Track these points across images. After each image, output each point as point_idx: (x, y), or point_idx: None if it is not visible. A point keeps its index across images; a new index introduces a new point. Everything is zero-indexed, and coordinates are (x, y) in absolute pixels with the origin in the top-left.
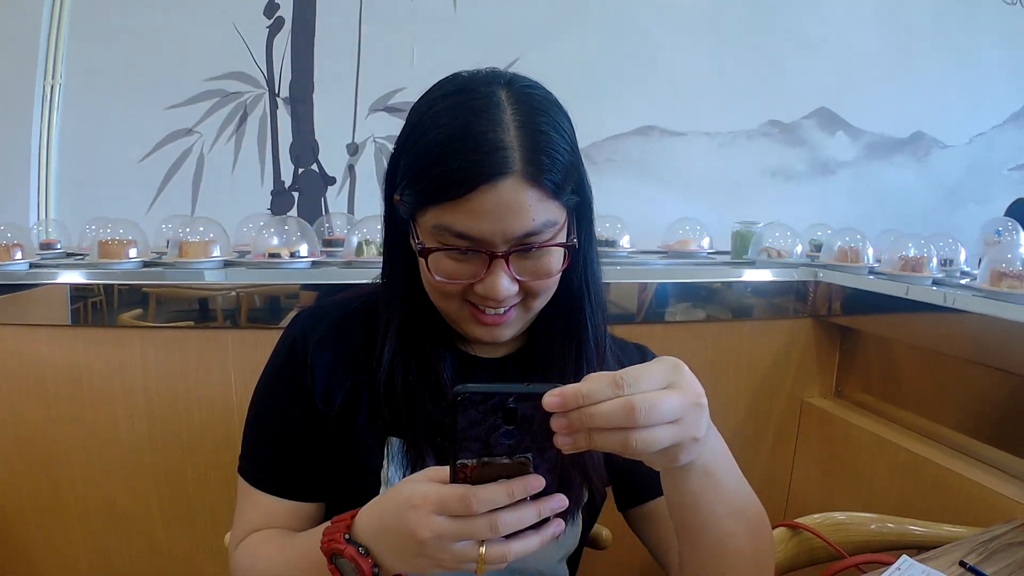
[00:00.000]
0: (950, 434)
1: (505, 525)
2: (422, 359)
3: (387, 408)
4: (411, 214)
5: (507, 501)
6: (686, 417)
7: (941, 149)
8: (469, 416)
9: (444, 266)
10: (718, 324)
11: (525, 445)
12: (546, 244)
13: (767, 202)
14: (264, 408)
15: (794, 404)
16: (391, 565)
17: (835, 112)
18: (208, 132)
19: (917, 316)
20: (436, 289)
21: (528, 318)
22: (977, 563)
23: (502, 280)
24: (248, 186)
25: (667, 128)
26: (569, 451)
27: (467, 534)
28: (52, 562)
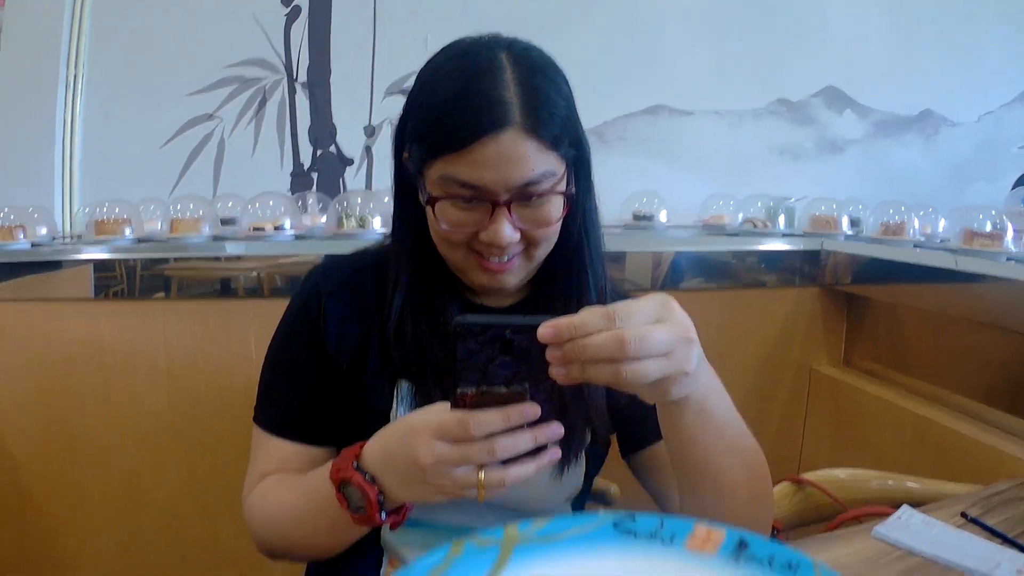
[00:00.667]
0: (956, 398)
1: (502, 449)
2: (431, 309)
3: (397, 355)
4: (419, 168)
5: (503, 426)
6: (675, 350)
7: (950, 127)
8: (468, 346)
9: (450, 215)
10: (725, 293)
11: (522, 375)
12: (545, 192)
13: (775, 180)
14: (280, 357)
15: (803, 372)
16: (396, 494)
17: (842, 90)
18: (228, 117)
19: (924, 280)
20: (443, 238)
21: (531, 267)
22: (978, 516)
23: (504, 227)
24: (268, 168)
25: (676, 107)
26: (564, 382)
27: (466, 459)
28: (74, 536)
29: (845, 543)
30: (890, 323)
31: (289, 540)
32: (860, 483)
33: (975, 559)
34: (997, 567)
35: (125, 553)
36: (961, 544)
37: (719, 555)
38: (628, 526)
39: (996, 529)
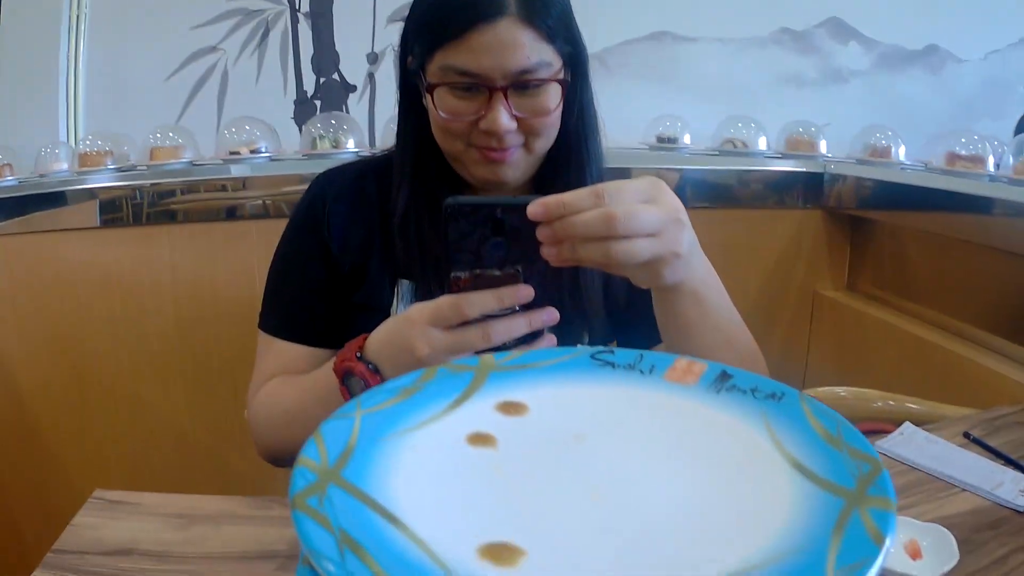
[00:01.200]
0: (959, 324)
1: (496, 334)
2: (435, 206)
3: (401, 251)
4: (421, 64)
5: (497, 307)
6: (665, 231)
7: (956, 63)
8: (460, 228)
9: (449, 103)
10: (729, 212)
11: (514, 257)
12: (542, 81)
13: (780, 108)
14: (285, 261)
15: (806, 295)
16: None
17: (846, 21)
18: (231, 49)
19: (927, 203)
20: (443, 129)
21: (531, 162)
22: (981, 437)
23: (501, 114)
24: (272, 97)
25: (680, 34)
26: (555, 262)
27: (461, 345)
28: (80, 457)
29: None
30: (894, 248)
31: (292, 439)
32: (862, 402)
33: (978, 477)
34: (1000, 486)
35: (132, 472)
36: (964, 462)
37: (699, 385)
38: (606, 358)
39: (999, 450)
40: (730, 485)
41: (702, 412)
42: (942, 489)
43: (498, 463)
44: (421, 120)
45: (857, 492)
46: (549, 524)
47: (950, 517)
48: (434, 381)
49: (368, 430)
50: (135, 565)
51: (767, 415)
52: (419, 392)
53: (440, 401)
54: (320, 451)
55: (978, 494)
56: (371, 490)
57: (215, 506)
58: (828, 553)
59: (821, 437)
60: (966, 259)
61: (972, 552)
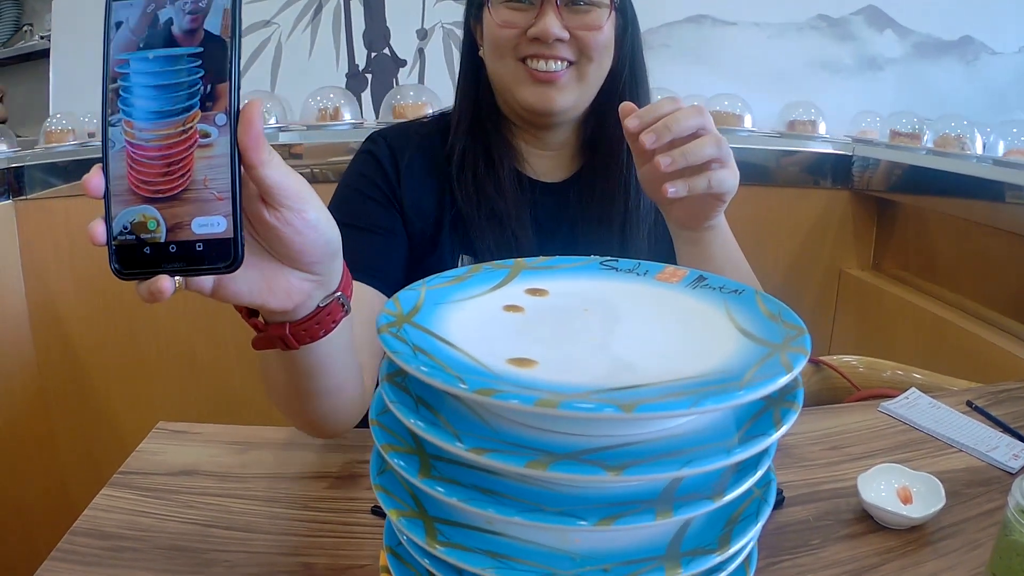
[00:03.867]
0: (978, 306)
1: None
2: (489, 156)
3: (462, 203)
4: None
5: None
6: (714, 134)
7: (990, 55)
8: None
9: (502, 13)
10: (760, 189)
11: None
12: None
13: (815, 94)
14: (351, 208)
15: (832, 273)
16: None
17: (883, 10)
18: (285, 23)
19: (955, 188)
20: (495, 44)
21: (583, 91)
22: (983, 406)
23: (551, 19)
24: (324, 70)
25: (719, 17)
26: (665, 169)
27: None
28: (131, 412)
29: (853, 414)
30: (919, 230)
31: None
32: (874, 371)
33: (975, 439)
34: (995, 449)
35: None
36: (963, 426)
37: (681, 283)
38: (611, 264)
39: (998, 418)
40: (692, 338)
41: (679, 299)
42: (940, 448)
43: (524, 320)
44: (479, 76)
45: (782, 344)
46: (557, 351)
47: (944, 472)
48: (480, 273)
49: (431, 297)
50: (197, 484)
51: (728, 302)
52: (468, 280)
53: (484, 286)
54: (396, 306)
55: (973, 455)
56: (432, 327)
57: (271, 435)
58: (748, 370)
59: (765, 315)
60: (988, 243)
61: (961, 504)
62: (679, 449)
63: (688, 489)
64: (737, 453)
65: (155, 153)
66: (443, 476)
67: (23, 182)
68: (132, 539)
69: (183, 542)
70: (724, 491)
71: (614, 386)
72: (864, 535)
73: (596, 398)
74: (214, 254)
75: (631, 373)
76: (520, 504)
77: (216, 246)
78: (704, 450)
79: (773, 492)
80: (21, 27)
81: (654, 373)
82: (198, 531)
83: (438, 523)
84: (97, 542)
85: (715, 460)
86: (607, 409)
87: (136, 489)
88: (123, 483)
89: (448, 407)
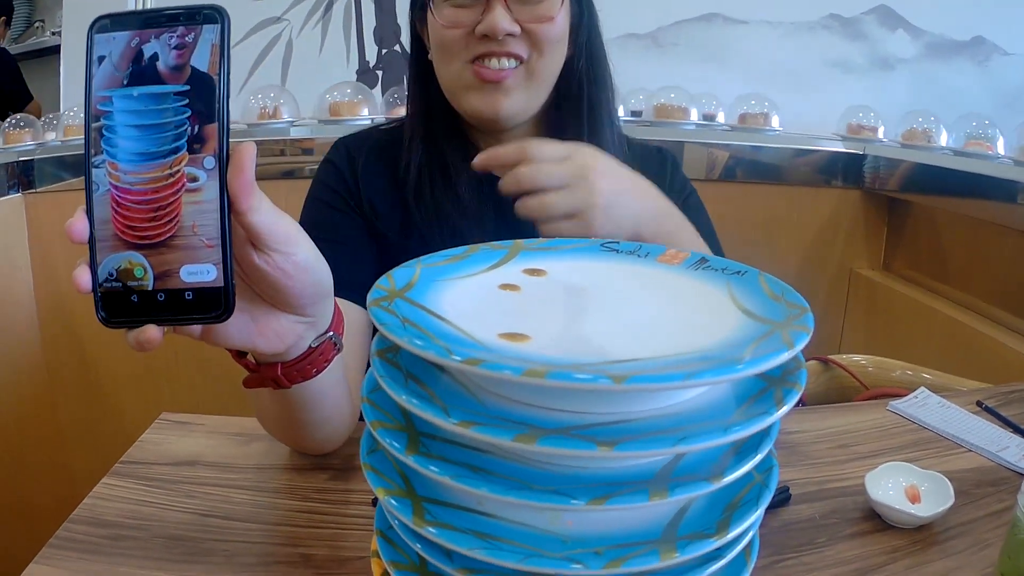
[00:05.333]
0: (990, 307)
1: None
2: (446, 168)
3: (417, 216)
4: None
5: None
6: (574, 185)
7: (1002, 56)
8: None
9: (448, 13)
10: (770, 187)
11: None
12: None
13: (827, 93)
14: (316, 219)
15: (843, 273)
16: None
17: (895, 9)
18: (296, 19)
19: (965, 187)
20: (441, 46)
21: (533, 91)
22: (994, 406)
23: (499, 12)
24: (334, 67)
25: (730, 16)
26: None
27: None
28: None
29: (861, 413)
30: (930, 230)
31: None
32: (883, 371)
33: (984, 440)
34: (1005, 449)
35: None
36: (973, 426)
37: (683, 265)
38: (612, 246)
39: (1009, 419)
40: (692, 317)
41: (681, 280)
42: (949, 448)
43: (520, 298)
44: (429, 82)
45: (784, 323)
46: (552, 327)
47: (953, 472)
48: (477, 253)
49: (426, 274)
50: (199, 474)
51: (730, 282)
52: (465, 259)
53: (481, 265)
54: (390, 282)
55: (982, 455)
56: (425, 302)
57: None
58: (748, 346)
59: (768, 295)
60: (1000, 244)
61: (970, 504)
62: (675, 427)
63: (685, 470)
64: (736, 431)
65: (141, 197)
66: (432, 453)
67: (32, 175)
68: (131, 528)
69: (182, 531)
70: (723, 473)
71: (607, 359)
72: (871, 534)
73: (589, 370)
74: (204, 303)
75: (627, 348)
76: (510, 482)
77: (206, 295)
78: (701, 428)
79: (775, 478)
80: (33, 23)
81: (651, 349)
82: (197, 521)
83: (426, 503)
84: (96, 530)
85: (712, 438)
86: (599, 380)
87: (137, 478)
88: (124, 472)
89: (439, 383)
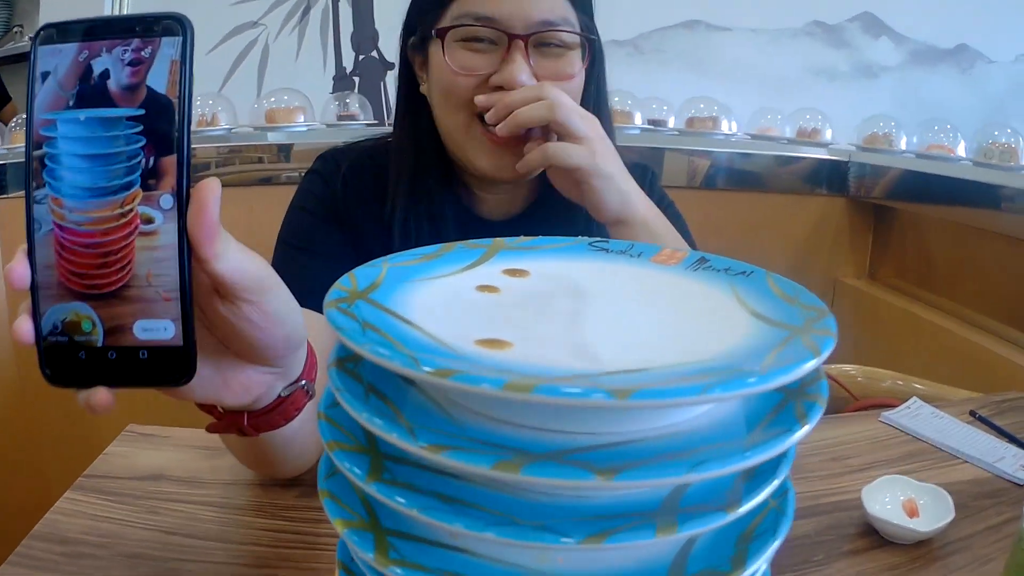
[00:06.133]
0: (978, 316)
1: None
2: (434, 213)
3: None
4: (431, 24)
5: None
6: (593, 141)
7: (986, 64)
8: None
9: (460, 56)
10: (754, 196)
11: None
12: (564, 42)
13: (811, 100)
14: (300, 231)
15: (828, 283)
16: None
17: (879, 17)
18: (273, 24)
19: (951, 193)
20: (448, 92)
21: (542, 152)
22: (987, 416)
23: (519, 65)
24: (311, 73)
25: (713, 23)
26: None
27: None
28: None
29: (853, 424)
30: (916, 238)
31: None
32: (872, 380)
33: (980, 450)
34: (1001, 459)
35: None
36: (967, 436)
37: (680, 266)
38: (601, 245)
39: (1003, 428)
40: (696, 322)
41: (679, 281)
42: (944, 459)
43: (500, 301)
44: (420, 117)
45: (804, 327)
46: (537, 333)
47: (950, 484)
48: (452, 252)
49: (393, 274)
50: (164, 489)
51: (735, 284)
52: (438, 258)
53: (455, 265)
54: (352, 282)
55: (979, 466)
56: (391, 305)
57: None
58: (768, 354)
59: (780, 297)
60: (987, 251)
61: (969, 517)
62: (684, 449)
63: (694, 499)
64: (756, 453)
65: (88, 240)
66: (397, 480)
67: (5, 180)
68: (92, 545)
69: (144, 550)
70: (740, 501)
71: (605, 370)
72: (869, 550)
73: (583, 382)
74: (161, 365)
75: (626, 358)
76: (490, 516)
77: (163, 355)
78: (716, 450)
79: (791, 503)
80: (11, 28)
81: (653, 358)
82: (160, 539)
83: (392, 537)
84: (56, 547)
85: (731, 462)
86: (596, 395)
87: (100, 493)
88: (88, 486)
89: (408, 399)
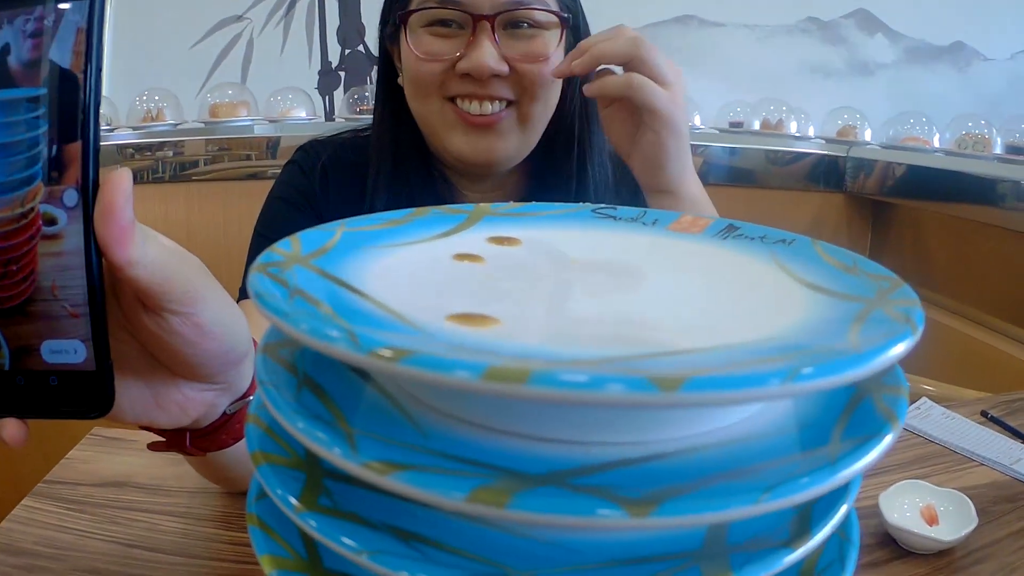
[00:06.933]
0: (980, 313)
1: None
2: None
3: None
4: (401, 13)
5: None
6: (675, 86)
7: (982, 61)
8: None
9: (426, 43)
10: (751, 192)
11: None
12: (537, 21)
13: (806, 97)
14: (276, 222)
15: None
16: None
17: (874, 14)
18: (258, 18)
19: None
20: (416, 80)
21: (524, 137)
22: (1000, 416)
23: (486, 49)
24: (296, 67)
25: (706, 18)
26: (587, 94)
27: None
28: None
29: None
30: (915, 234)
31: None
32: None
33: (996, 452)
34: (1018, 461)
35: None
36: (981, 438)
37: (705, 233)
38: (608, 212)
39: (1018, 429)
40: (736, 296)
41: (707, 250)
42: (959, 462)
43: (483, 272)
44: (399, 109)
45: (877, 298)
46: (532, 308)
47: (968, 488)
48: (426, 217)
49: (348, 239)
50: (126, 497)
51: (776, 254)
52: (407, 223)
53: (429, 231)
54: (293, 245)
55: (996, 468)
56: (337, 272)
57: None
58: (848, 329)
59: (836, 268)
60: (988, 247)
61: (990, 523)
62: (742, 465)
63: (745, 531)
64: (846, 465)
65: None
66: (339, 509)
67: None
68: (47, 557)
69: (102, 563)
70: (808, 531)
71: (629, 353)
72: (889, 562)
73: (604, 368)
74: (73, 391)
75: (653, 337)
76: (466, 564)
77: (75, 381)
78: (789, 464)
79: (855, 527)
80: None
81: (691, 337)
82: (120, 551)
83: None
84: (9, 559)
85: (818, 480)
86: (629, 386)
87: (59, 501)
88: (46, 493)
89: (361, 398)
